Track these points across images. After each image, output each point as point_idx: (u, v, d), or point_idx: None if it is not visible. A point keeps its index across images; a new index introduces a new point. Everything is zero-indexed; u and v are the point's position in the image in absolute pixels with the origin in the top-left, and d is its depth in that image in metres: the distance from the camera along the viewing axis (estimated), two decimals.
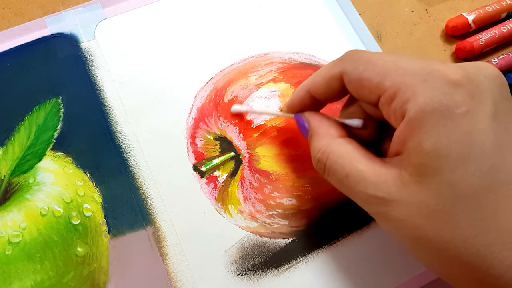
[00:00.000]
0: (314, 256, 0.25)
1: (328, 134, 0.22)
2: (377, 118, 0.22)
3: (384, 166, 0.19)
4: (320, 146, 0.22)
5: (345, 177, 0.20)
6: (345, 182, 0.20)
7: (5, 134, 0.27)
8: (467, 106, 0.18)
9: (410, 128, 0.18)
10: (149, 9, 0.31)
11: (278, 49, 0.31)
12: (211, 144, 0.28)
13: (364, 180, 0.19)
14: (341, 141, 0.21)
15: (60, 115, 0.27)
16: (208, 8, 0.31)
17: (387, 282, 0.25)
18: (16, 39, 0.29)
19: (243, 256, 0.25)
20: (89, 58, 0.29)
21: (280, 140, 0.28)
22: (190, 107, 0.28)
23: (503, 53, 0.32)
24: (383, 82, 0.19)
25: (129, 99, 0.28)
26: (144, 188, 0.26)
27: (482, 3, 0.33)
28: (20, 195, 0.25)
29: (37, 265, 0.24)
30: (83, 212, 0.25)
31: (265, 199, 0.26)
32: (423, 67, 0.19)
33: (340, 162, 0.21)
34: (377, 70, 0.20)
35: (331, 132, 0.22)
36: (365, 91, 0.20)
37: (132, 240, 0.25)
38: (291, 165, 0.27)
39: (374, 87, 0.20)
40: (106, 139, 0.27)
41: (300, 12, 0.32)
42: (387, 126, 0.22)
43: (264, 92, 0.29)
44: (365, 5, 0.34)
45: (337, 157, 0.21)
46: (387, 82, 0.19)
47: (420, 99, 0.18)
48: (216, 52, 0.30)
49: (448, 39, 0.33)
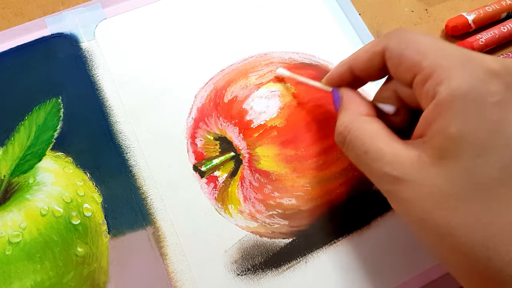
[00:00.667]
0: (314, 256, 0.25)
1: (357, 111, 0.22)
2: (411, 106, 0.22)
3: (405, 147, 0.19)
4: (344, 120, 0.22)
5: (363, 153, 0.20)
6: (363, 158, 0.21)
7: (5, 134, 0.27)
8: (501, 96, 0.17)
9: (438, 110, 0.18)
10: (149, 9, 0.31)
11: (278, 49, 0.31)
12: (211, 144, 0.28)
13: (382, 158, 0.20)
14: (366, 119, 0.22)
15: (60, 115, 0.27)
16: (208, 8, 0.31)
17: (387, 282, 0.25)
18: (16, 39, 0.29)
19: (243, 256, 0.25)
20: (89, 58, 0.29)
21: (280, 140, 0.28)
22: (190, 107, 0.28)
23: (503, 53, 0.32)
24: (422, 61, 0.19)
25: (129, 99, 0.28)
26: (144, 188, 0.26)
27: (482, 3, 0.33)
28: (20, 195, 0.25)
29: (37, 265, 0.24)
30: (83, 212, 0.25)
31: (265, 199, 0.26)
32: (463, 53, 0.19)
33: (361, 138, 0.21)
34: (418, 49, 0.20)
35: (360, 109, 0.22)
36: (403, 69, 0.20)
37: (132, 240, 0.25)
38: (291, 165, 0.27)
39: (412, 65, 0.20)
40: (106, 139, 0.27)
41: (300, 12, 0.32)
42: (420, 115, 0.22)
43: (264, 92, 0.29)
44: (365, 5, 0.34)
45: (359, 133, 0.21)
46: (425, 61, 0.19)
47: (454, 83, 0.18)
48: (216, 52, 0.30)
49: (448, 39, 0.33)
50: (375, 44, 0.22)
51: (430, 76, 0.19)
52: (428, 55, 0.19)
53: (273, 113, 0.28)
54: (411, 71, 0.20)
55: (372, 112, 0.22)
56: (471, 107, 0.17)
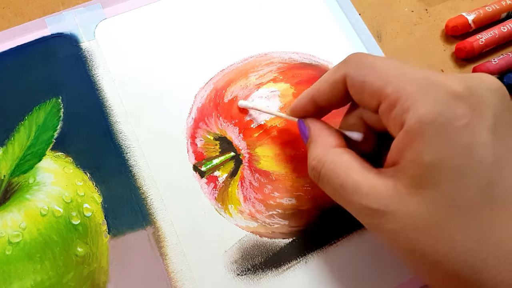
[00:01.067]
0: (314, 256, 0.25)
1: (327, 142, 0.22)
2: (377, 129, 0.22)
3: (379, 177, 0.19)
4: (316, 153, 0.22)
5: (339, 187, 0.20)
6: (339, 191, 0.20)
7: (5, 134, 0.27)
8: (468, 118, 0.17)
9: (408, 138, 0.18)
10: (149, 9, 0.31)
11: (278, 49, 0.31)
12: (211, 144, 0.28)
13: (359, 191, 0.19)
14: (338, 151, 0.21)
15: (60, 115, 0.27)
16: (208, 8, 0.31)
17: (387, 282, 0.25)
18: (16, 39, 0.29)
19: (243, 256, 0.25)
20: (89, 58, 0.29)
21: (280, 140, 0.28)
22: (190, 107, 0.28)
23: (503, 53, 0.32)
24: (385, 87, 0.19)
25: (129, 99, 0.28)
26: (144, 188, 0.26)
27: (482, 3, 0.33)
28: (20, 195, 0.25)
29: (37, 265, 0.24)
30: (83, 212, 0.25)
31: (265, 199, 0.26)
32: (426, 76, 0.19)
33: (336, 171, 0.20)
34: (379, 75, 0.20)
35: (329, 141, 0.22)
36: (367, 96, 0.20)
37: (132, 240, 0.25)
38: (291, 165, 0.27)
39: (376, 92, 0.20)
40: (106, 139, 0.27)
41: (300, 12, 0.32)
42: (387, 139, 0.21)
43: (264, 92, 0.29)
44: (365, 5, 0.34)
45: (333, 166, 0.21)
46: (389, 88, 0.19)
47: (420, 109, 0.18)
48: (216, 52, 0.30)
49: (448, 39, 0.33)
50: (335, 71, 0.22)
51: (395, 103, 0.19)
52: (390, 81, 0.19)
53: None
54: (375, 97, 0.20)
55: (341, 142, 0.22)
56: (441, 133, 0.17)
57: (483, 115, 0.18)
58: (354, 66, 0.21)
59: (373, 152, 0.23)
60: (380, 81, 0.19)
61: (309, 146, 0.23)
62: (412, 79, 0.19)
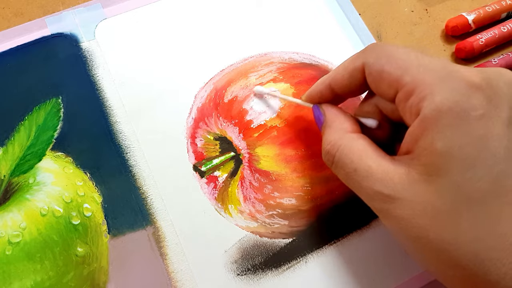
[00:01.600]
0: (314, 256, 0.25)
1: (342, 128, 0.22)
2: (393, 119, 0.22)
3: (393, 163, 0.19)
4: (331, 138, 0.22)
5: (353, 171, 0.20)
6: (352, 176, 0.20)
7: (5, 134, 0.27)
8: (484, 109, 0.18)
9: (423, 126, 0.18)
10: (149, 9, 0.31)
11: (278, 49, 0.31)
12: (211, 144, 0.28)
13: (372, 176, 0.20)
14: (353, 136, 0.21)
15: (60, 115, 0.27)
16: (208, 8, 0.31)
17: (387, 282, 0.25)
18: (16, 39, 0.29)
19: (243, 256, 0.25)
20: (89, 58, 0.29)
21: (280, 140, 0.28)
22: (190, 107, 0.28)
23: (503, 53, 0.32)
24: (403, 77, 0.19)
25: (129, 99, 0.28)
26: (144, 188, 0.26)
27: (482, 3, 0.33)
28: (20, 195, 0.25)
29: (37, 265, 0.24)
30: (83, 212, 0.25)
31: (265, 199, 0.26)
32: (444, 66, 0.19)
33: (350, 156, 0.21)
34: (398, 64, 0.20)
35: (344, 126, 0.22)
36: (384, 85, 0.20)
37: (132, 240, 0.25)
38: (291, 165, 0.27)
39: (393, 81, 0.20)
40: (106, 139, 0.27)
41: (300, 12, 0.32)
42: (402, 128, 0.22)
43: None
44: (365, 5, 0.34)
45: (347, 151, 0.21)
46: (407, 77, 0.19)
47: (437, 98, 0.18)
48: (216, 52, 0.30)
49: (448, 39, 0.33)
50: (354, 60, 0.22)
51: (412, 92, 0.19)
52: (408, 70, 0.19)
53: (273, 113, 0.28)
54: (393, 86, 0.20)
55: (356, 128, 0.22)
56: (456, 122, 0.17)
57: (499, 107, 0.18)
58: (373, 55, 0.21)
59: (387, 141, 0.23)
60: (398, 71, 0.20)
61: (324, 131, 0.23)
62: (430, 69, 0.19)
